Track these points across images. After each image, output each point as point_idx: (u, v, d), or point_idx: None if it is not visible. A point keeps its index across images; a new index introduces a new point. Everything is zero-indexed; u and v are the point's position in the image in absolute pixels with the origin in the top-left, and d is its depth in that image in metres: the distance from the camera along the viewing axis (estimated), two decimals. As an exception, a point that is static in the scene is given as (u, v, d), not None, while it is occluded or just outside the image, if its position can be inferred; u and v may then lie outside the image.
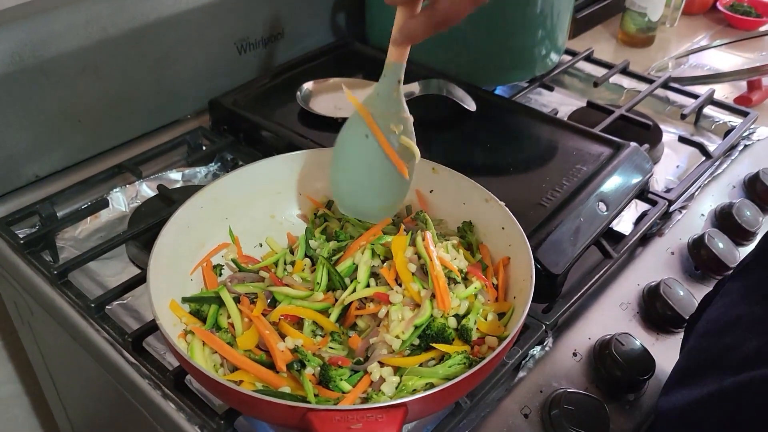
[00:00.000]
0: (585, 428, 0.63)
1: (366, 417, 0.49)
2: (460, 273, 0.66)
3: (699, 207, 0.91)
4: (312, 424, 0.49)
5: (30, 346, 1.00)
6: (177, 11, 0.95)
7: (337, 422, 0.49)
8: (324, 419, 0.49)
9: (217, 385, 0.53)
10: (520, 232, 0.67)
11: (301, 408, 0.50)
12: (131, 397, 0.70)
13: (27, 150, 0.88)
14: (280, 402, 0.51)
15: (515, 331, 0.58)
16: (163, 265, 0.64)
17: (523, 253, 0.65)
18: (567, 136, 0.91)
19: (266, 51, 1.10)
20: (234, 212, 0.75)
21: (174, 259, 0.67)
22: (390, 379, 0.58)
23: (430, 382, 0.58)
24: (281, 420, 0.55)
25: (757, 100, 1.16)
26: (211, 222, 0.72)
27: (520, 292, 0.64)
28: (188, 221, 0.69)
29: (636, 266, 0.82)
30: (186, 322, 0.64)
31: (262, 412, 0.55)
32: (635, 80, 1.17)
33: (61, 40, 0.85)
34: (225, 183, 0.73)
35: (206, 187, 0.72)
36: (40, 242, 0.81)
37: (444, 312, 0.62)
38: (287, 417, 0.52)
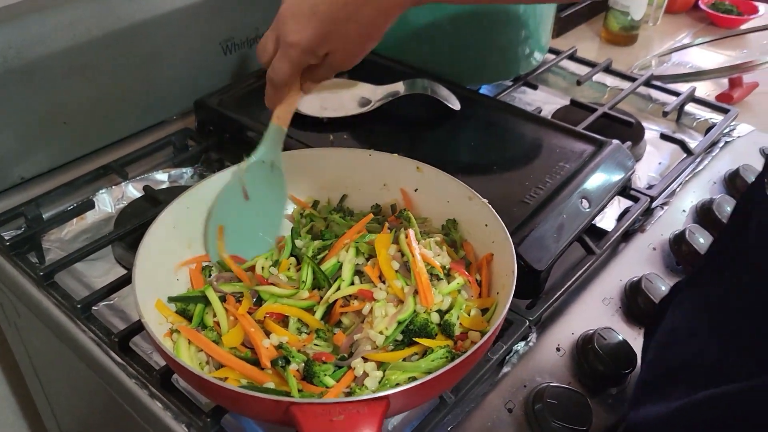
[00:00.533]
0: (568, 422, 0.63)
1: (348, 409, 0.50)
2: (443, 269, 0.67)
3: (680, 203, 0.92)
4: (295, 417, 0.50)
5: (17, 347, 1.00)
6: (162, 12, 0.95)
7: (319, 415, 0.50)
8: (307, 412, 0.50)
9: (203, 381, 0.54)
10: (503, 228, 0.67)
11: (285, 402, 0.51)
12: (118, 396, 0.70)
13: (12, 152, 0.88)
14: (264, 396, 0.52)
15: (497, 325, 0.58)
16: (149, 264, 0.64)
17: (505, 249, 0.66)
18: (550, 134, 0.92)
19: (252, 52, 1.11)
20: (221, 213, 0.74)
21: (160, 259, 0.67)
22: (373, 374, 0.59)
23: (413, 375, 0.59)
24: (266, 415, 0.55)
25: (738, 98, 1.18)
26: (197, 223, 0.73)
27: (503, 287, 0.65)
28: (175, 222, 0.70)
29: (618, 262, 0.83)
30: (172, 321, 0.64)
31: (247, 408, 0.56)
32: (618, 78, 1.18)
33: (46, 41, 0.85)
34: (211, 184, 0.74)
35: (193, 188, 0.72)
36: (26, 244, 0.81)
37: (427, 308, 0.63)
38: (271, 411, 0.52)
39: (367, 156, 0.79)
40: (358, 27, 0.61)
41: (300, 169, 0.78)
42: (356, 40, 0.63)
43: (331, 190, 0.81)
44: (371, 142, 0.90)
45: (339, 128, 0.94)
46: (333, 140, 0.91)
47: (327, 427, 0.49)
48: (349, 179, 0.80)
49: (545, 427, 0.63)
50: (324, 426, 0.49)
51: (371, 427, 0.49)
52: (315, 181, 0.79)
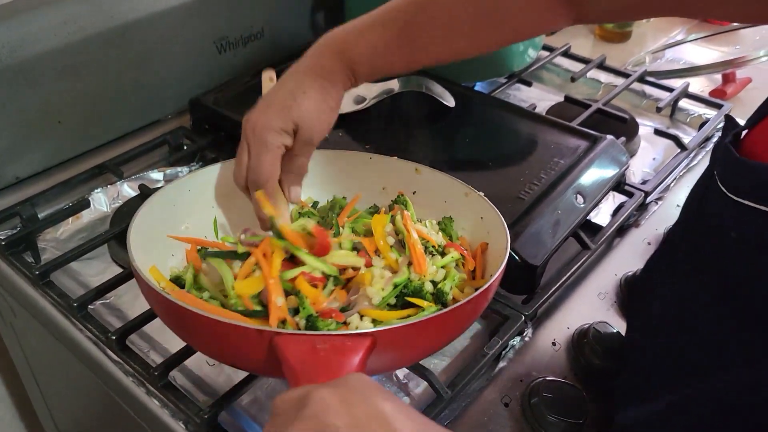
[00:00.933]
0: (564, 415, 0.64)
1: (332, 341, 0.50)
2: (438, 247, 0.68)
3: (675, 198, 0.93)
4: (279, 347, 0.49)
5: (13, 347, 1.00)
6: (155, 11, 0.95)
7: (303, 343, 0.49)
8: (290, 341, 0.49)
9: (180, 310, 0.52)
10: (498, 215, 0.68)
11: (269, 332, 0.50)
12: (115, 395, 0.70)
13: (7, 151, 0.87)
14: (246, 326, 0.51)
15: (492, 281, 0.59)
16: (145, 229, 0.65)
17: (500, 234, 0.67)
18: (545, 130, 0.92)
19: (246, 50, 1.11)
20: (221, 202, 0.75)
21: (154, 228, 0.67)
22: (365, 326, 0.59)
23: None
24: (249, 351, 0.53)
25: (731, 93, 1.18)
26: (196, 207, 0.73)
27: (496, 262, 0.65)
28: (174, 200, 0.70)
29: (613, 257, 0.84)
30: (164, 287, 0.63)
31: (229, 344, 0.54)
32: (612, 75, 1.18)
33: (40, 40, 0.85)
34: (215, 170, 0.74)
35: (197, 172, 0.73)
36: (22, 243, 0.81)
37: (421, 275, 0.63)
38: (254, 345, 0.51)
39: (368, 159, 0.79)
40: (310, 100, 0.68)
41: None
42: (313, 107, 0.68)
43: (331, 191, 0.80)
44: (366, 140, 0.90)
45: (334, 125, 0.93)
46: (328, 137, 0.91)
47: (311, 354, 0.48)
48: (350, 182, 0.80)
49: (542, 421, 0.64)
50: (307, 353, 0.48)
51: (355, 357, 0.49)
52: (314, 182, 0.79)
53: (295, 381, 0.48)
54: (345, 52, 0.69)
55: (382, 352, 0.52)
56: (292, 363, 0.48)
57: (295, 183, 0.72)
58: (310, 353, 0.49)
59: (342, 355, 0.49)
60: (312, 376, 0.48)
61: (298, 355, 0.49)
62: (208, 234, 0.74)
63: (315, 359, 0.49)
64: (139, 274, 0.58)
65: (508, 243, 0.64)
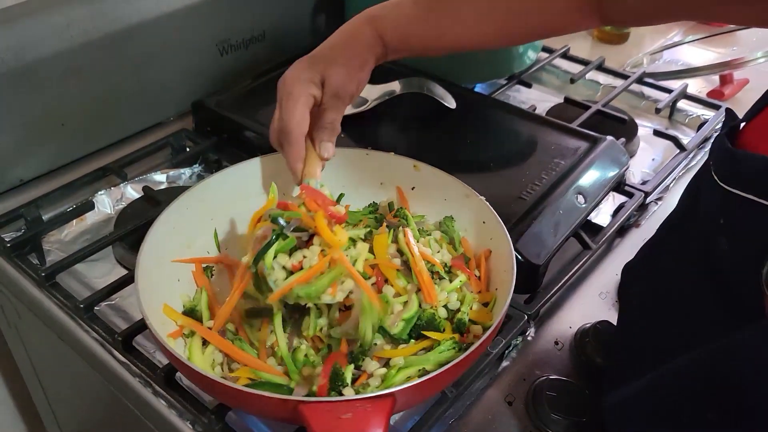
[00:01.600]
0: (567, 414, 0.64)
1: (355, 407, 0.51)
2: (444, 267, 0.67)
3: (674, 198, 0.93)
4: (303, 415, 0.50)
5: (17, 349, 1.00)
6: (158, 14, 0.96)
7: (327, 413, 0.50)
8: (315, 410, 0.50)
9: (210, 381, 0.54)
10: (501, 225, 0.68)
11: (293, 401, 0.51)
12: (122, 396, 0.71)
13: (11, 154, 0.88)
14: (272, 396, 0.52)
15: (499, 319, 0.59)
16: (151, 267, 0.64)
17: (503, 245, 0.67)
18: (545, 131, 0.93)
19: (248, 53, 1.11)
20: (218, 213, 0.75)
21: (160, 261, 0.67)
22: (377, 372, 0.60)
23: (423, 368, 0.60)
24: (274, 413, 0.56)
25: (729, 94, 1.19)
26: (196, 223, 0.73)
27: (502, 283, 0.66)
28: (174, 223, 0.69)
29: (614, 256, 0.84)
30: (182, 324, 0.64)
31: (255, 407, 0.56)
32: (611, 76, 1.19)
33: (44, 43, 0.85)
34: (210, 184, 0.74)
35: (192, 189, 0.72)
36: (27, 245, 0.82)
37: (432, 305, 0.64)
38: (279, 410, 0.53)
39: (364, 155, 0.80)
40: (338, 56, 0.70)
41: None
42: (341, 62, 0.69)
43: (327, 188, 0.81)
44: (368, 141, 0.91)
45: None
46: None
47: (335, 425, 0.50)
48: (346, 178, 0.80)
49: (545, 419, 0.64)
50: (332, 424, 0.50)
51: (379, 424, 0.50)
52: None
53: None
54: (375, 20, 0.71)
55: (402, 403, 0.54)
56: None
57: (327, 139, 0.72)
58: (334, 424, 0.50)
59: (366, 422, 0.50)
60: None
61: (322, 425, 0.50)
62: (210, 249, 0.74)
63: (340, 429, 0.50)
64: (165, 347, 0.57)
65: (513, 263, 0.64)
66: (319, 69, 0.68)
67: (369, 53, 0.71)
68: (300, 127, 0.68)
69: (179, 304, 0.67)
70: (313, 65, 0.69)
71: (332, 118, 0.71)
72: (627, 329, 0.65)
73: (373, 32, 0.71)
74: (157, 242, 0.67)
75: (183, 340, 0.64)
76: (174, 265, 0.69)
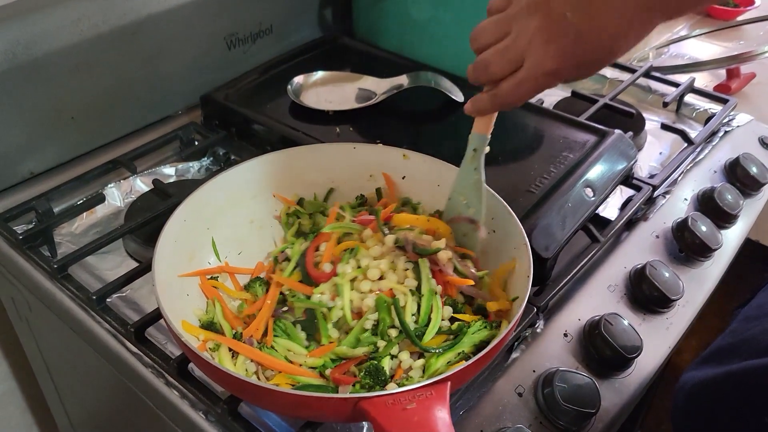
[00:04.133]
0: (577, 405, 0.65)
1: (417, 396, 0.51)
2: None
3: (682, 192, 0.94)
4: (367, 411, 0.50)
5: (27, 342, 1.01)
6: (167, 8, 0.96)
7: (391, 406, 0.50)
8: (378, 405, 0.51)
9: (271, 392, 0.54)
10: (501, 202, 0.70)
11: (353, 398, 0.51)
12: (134, 387, 0.71)
13: (22, 147, 0.88)
14: (332, 396, 0.53)
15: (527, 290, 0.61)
16: (164, 285, 0.64)
17: (507, 220, 0.68)
18: (553, 125, 0.93)
19: (255, 46, 1.11)
20: (215, 222, 0.74)
21: (169, 278, 0.66)
22: (416, 364, 0.62)
23: (462, 351, 0.62)
24: (333, 415, 0.56)
25: (736, 88, 1.19)
26: (195, 234, 0.72)
27: (516, 251, 0.67)
28: (175, 236, 0.68)
29: (622, 250, 0.85)
30: (206, 338, 0.64)
31: (313, 410, 0.56)
32: (618, 70, 1.19)
33: (54, 37, 0.85)
34: (202, 194, 0.73)
35: (186, 200, 0.71)
36: (38, 237, 0.82)
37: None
38: (340, 410, 0.53)
39: (351, 149, 0.79)
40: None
41: (286, 167, 0.78)
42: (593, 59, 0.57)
43: (318, 186, 0.81)
44: (376, 135, 0.91)
45: (344, 121, 0.95)
46: (339, 133, 0.92)
47: (401, 415, 0.50)
48: (335, 173, 0.80)
49: (555, 410, 0.65)
50: (398, 415, 0.50)
51: (443, 407, 0.51)
52: (301, 178, 0.79)
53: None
54: None
55: (455, 385, 0.55)
56: (388, 429, 0.50)
57: None
58: (401, 415, 0.50)
59: (431, 408, 0.51)
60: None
61: (390, 419, 0.50)
62: (211, 260, 0.74)
63: (408, 421, 0.50)
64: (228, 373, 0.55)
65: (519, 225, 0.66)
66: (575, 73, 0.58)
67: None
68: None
69: (194, 319, 0.67)
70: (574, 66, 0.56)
71: None
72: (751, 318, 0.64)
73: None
74: (164, 259, 0.65)
75: (209, 354, 0.64)
76: (181, 280, 0.69)
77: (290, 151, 0.79)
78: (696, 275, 0.84)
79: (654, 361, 0.74)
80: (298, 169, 0.79)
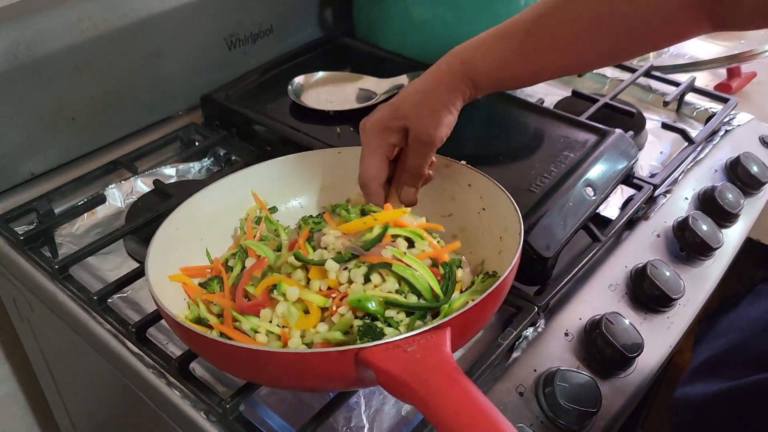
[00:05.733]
0: (578, 404, 0.65)
1: (416, 340, 0.50)
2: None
3: (683, 191, 0.94)
4: (368, 359, 0.49)
5: (29, 342, 1.01)
6: (167, 8, 0.96)
7: (392, 351, 0.49)
8: (378, 352, 0.49)
9: (260, 354, 0.52)
10: (486, 178, 0.70)
11: (352, 350, 0.50)
12: (135, 387, 0.71)
13: (22, 148, 0.88)
14: (331, 350, 0.50)
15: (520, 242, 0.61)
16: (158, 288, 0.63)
17: (495, 193, 0.69)
18: (554, 124, 0.93)
19: (256, 47, 1.12)
20: (207, 231, 0.73)
21: (163, 282, 0.66)
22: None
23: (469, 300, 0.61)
24: (334, 372, 0.53)
25: (736, 87, 1.19)
26: (187, 243, 0.71)
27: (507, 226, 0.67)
28: (165, 245, 0.68)
29: (623, 249, 0.85)
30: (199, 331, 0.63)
31: (311, 369, 0.53)
32: (618, 69, 1.19)
33: (54, 38, 0.86)
34: (193, 203, 0.72)
35: (177, 209, 0.71)
36: (39, 238, 0.82)
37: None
38: (339, 366, 0.51)
39: (337, 153, 0.79)
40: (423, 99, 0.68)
41: (273, 177, 0.78)
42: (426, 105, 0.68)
43: (302, 192, 0.80)
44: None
45: (345, 121, 0.95)
46: (339, 133, 0.92)
47: (403, 356, 0.48)
48: (321, 179, 0.79)
49: (556, 410, 0.65)
50: (400, 356, 0.48)
51: (444, 348, 0.49)
52: (284, 186, 0.79)
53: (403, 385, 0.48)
54: (468, 62, 0.68)
55: (457, 332, 0.53)
56: (394, 373, 0.48)
57: (409, 183, 0.71)
58: (403, 356, 0.49)
59: (433, 348, 0.49)
60: (422, 376, 0.48)
61: (392, 361, 0.49)
62: None
63: (411, 360, 0.49)
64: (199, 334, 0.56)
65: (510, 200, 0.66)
66: (401, 116, 0.67)
67: (457, 96, 0.69)
68: (376, 179, 0.69)
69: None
70: (395, 112, 0.68)
71: (416, 164, 0.69)
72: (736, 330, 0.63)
73: (463, 75, 0.68)
74: (157, 266, 0.65)
75: None
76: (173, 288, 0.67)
77: (277, 162, 0.78)
78: (697, 274, 0.84)
79: (655, 360, 0.74)
80: (282, 177, 0.78)
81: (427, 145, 0.68)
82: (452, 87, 0.68)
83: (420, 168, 0.70)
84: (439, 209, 0.76)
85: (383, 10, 1.11)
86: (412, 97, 0.68)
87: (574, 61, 0.68)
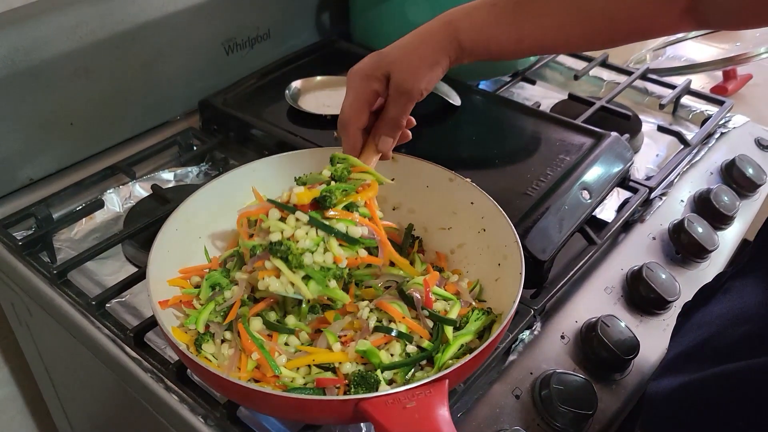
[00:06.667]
0: (574, 406, 0.65)
1: (416, 395, 0.51)
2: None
3: (678, 193, 0.94)
4: (367, 412, 0.50)
5: (28, 347, 1.01)
6: (164, 13, 0.97)
7: (391, 405, 0.50)
8: (377, 405, 0.50)
9: (260, 395, 0.54)
10: (491, 201, 0.70)
11: (353, 400, 0.51)
12: (133, 391, 0.72)
13: (21, 153, 0.89)
14: (333, 399, 0.53)
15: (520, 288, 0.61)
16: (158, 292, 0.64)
17: (498, 219, 0.69)
18: (550, 127, 0.93)
19: (253, 51, 1.12)
20: (206, 230, 0.74)
21: (163, 285, 0.66)
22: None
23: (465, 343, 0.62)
24: (333, 417, 0.56)
25: (732, 90, 1.20)
26: (187, 243, 0.71)
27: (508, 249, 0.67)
28: (167, 246, 0.68)
29: (619, 252, 0.85)
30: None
31: (312, 413, 0.56)
32: (614, 72, 1.20)
33: (52, 43, 0.86)
34: (192, 202, 0.72)
35: (177, 209, 0.71)
36: (38, 243, 0.82)
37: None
38: (339, 412, 0.53)
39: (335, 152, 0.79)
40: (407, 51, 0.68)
41: (268, 176, 0.78)
42: (408, 57, 0.68)
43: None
44: (374, 139, 0.91)
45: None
46: (337, 137, 0.92)
47: (401, 414, 0.50)
48: None
49: (552, 412, 0.65)
50: (398, 413, 0.50)
51: (443, 404, 0.51)
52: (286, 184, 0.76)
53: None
54: (451, 23, 0.69)
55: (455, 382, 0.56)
56: (389, 428, 0.49)
57: (385, 133, 0.71)
58: (402, 414, 0.50)
59: (431, 406, 0.51)
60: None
61: (391, 418, 0.50)
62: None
63: (410, 419, 0.50)
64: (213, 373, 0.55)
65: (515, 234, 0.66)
66: (384, 64, 0.68)
67: (442, 54, 0.69)
68: (352, 121, 0.69)
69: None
70: (379, 60, 0.68)
71: (394, 113, 0.69)
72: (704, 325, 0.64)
73: (448, 35, 0.69)
74: (157, 268, 0.65)
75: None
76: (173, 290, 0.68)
77: (273, 159, 0.78)
78: (692, 276, 0.85)
79: (651, 362, 0.74)
80: (276, 178, 0.78)
81: (406, 94, 0.68)
82: (437, 46, 0.69)
83: (398, 118, 0.70)
84: (439, 221, 0.77)
85: (380, 14, 1.11)
86: (399, 49, 0.69)
87: (556, 36, 0.69)
